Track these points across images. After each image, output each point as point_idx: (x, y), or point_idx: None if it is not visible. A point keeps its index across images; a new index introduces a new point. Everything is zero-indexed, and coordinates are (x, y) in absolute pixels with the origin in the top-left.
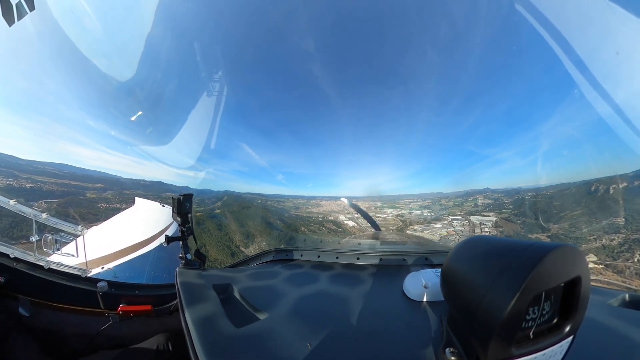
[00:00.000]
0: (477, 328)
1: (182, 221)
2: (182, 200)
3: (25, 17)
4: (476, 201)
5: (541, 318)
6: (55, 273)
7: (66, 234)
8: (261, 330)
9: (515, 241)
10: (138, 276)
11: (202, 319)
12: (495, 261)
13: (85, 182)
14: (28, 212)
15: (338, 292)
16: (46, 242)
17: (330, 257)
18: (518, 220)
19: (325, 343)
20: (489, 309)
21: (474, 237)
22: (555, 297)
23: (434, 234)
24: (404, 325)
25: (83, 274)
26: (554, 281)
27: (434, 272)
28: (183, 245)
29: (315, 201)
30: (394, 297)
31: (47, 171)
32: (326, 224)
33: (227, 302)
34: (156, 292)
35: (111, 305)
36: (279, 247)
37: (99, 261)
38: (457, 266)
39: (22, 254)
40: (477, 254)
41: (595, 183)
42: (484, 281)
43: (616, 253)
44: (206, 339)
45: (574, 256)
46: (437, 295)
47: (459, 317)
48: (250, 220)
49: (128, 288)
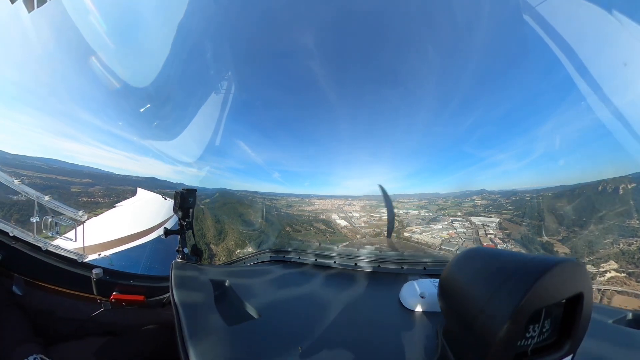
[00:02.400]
0: (473, 342)
1: (183, 215)
2: (186, 194)
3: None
4: (474, 202)
5: (541, 335)
6: (52, 255)
7: (66, 218)
8: (253, 329)
9: (516, 254)
10: (134, 266)
11: (194, 314)
12: (495, 274)
13: (73, 177)
14: (31, 192)
15: (333, 296)
16: (46, 224)
17: (327, 260)
18: (523, 222)
19: (316, 347)
20: (487, 323)
21: (474, 249)
22: (556, 313)
23: (435, 236)
24: (398, 334)
25: (79, 258)
26: (555, 298)
27: (432, 282)
28: (181, 239)
29: (310, 200)
30: (390, 306)
31: (34, 165)
32: (316, 224)
33: (221, 299)
34: (150, 284)
35: (104, 293)
36: (276, 247)
37: (96, 247)
38: (456, 277)
39: (21, 233)
40: (477, 266)
41: (603, 183)
42: (483, 294)
43: (637, 259)
44: (197, 334)
45: (576, 272)
46: (433, 305)
47: (456, 330)
48: (228, 217)
49: (123, 277)
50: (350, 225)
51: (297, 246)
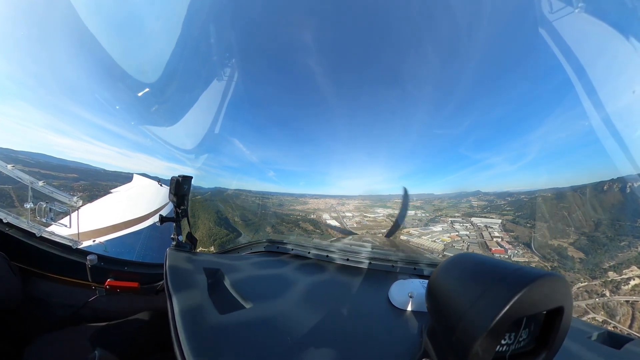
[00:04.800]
0: (455, 343)
1: (178, 202)
2: (181, 181)
3: None
4: (470, 202)
5: (518, 343)
6: (46, 242)
7: (60, 204)
8: (244, 318)
9: (504, 263)
10: (128, 252)
11: (187, 301)
12: (481, 281)
13: (58, 172)
14: (25, 178)
15: (324, 289)
16: (40, 210)
17: (320, 254)
18: (527, 223)
19: (305, 338)
20: (468, 327)
21: (464, 254)
22: (536, 323)
23: (436, 239)
24: (384, 331)
25: (74, 245)
26: (536, 309)
27: (421, 282)
28: (176, 227)
29: (303, 199)
30: (379, 303)
31: (18, 159)
32: (303, 224)
33: (214, 287)
34: (144, 271)
35: (99, 279)
36: (270, 238)
37: (91, 234)
38: (444, 280)
39: (14, 220)
40: (465, 272)
41: (608, 182)
42: (467, 299)
43: None
44: (189, 321)
45: (559, 286)
46: (421, 305)
47: (439, 331)
48: (205, 214)
49: (117, 263)
50: (341, 225)
51: (292, 238)
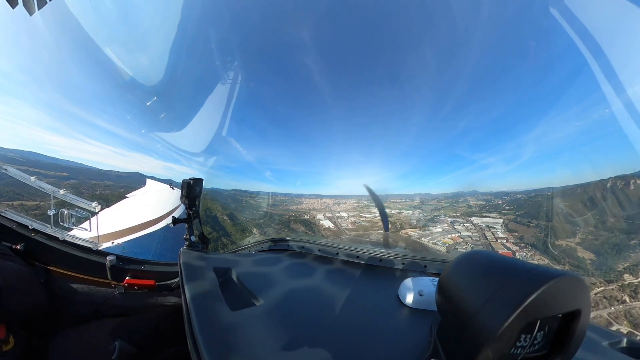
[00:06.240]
0: (465, 343)
1: (190, 204)
2: (192, 184)
3: None
4: (468, 202)
5: (532, 347)
6: (68, 245)
7: (81, 210)
8: (254, 314)
9: (517, 262)
10: (145, 253)
11: (200, 298)
12: (494, 279)
13: (48, 170)
14: (47, 187)
15: (333, 286)
16: (62, 216)
17: (330, 252)
18: (530, 223)
19: (314, 334)
20: (480, 326)
21: (476, 251)
22: (551, 327)
23: (437, 241)
24: (393, 328)
25: (94, 246)
26: (552, 311)
27: (431, 280)
28: (188, 228)
29: (299, 199)
30: (388, 300)
31: (7, 157)
32: (293, 225)
33: (226, 284)
34: (160, 269)
35: (118, 278)
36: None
37: (109, 236)
38: (455, 278)
39: (40, 226)
40: (477, 269)
41: (612, 179)
42: (480, 298)
43: None
44: (203, 316)
45: (577, 288)
46: (430, 304)
47: (449, 330)
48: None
49: (135, 263)
50: (335, 226)
51: (301, 236)
